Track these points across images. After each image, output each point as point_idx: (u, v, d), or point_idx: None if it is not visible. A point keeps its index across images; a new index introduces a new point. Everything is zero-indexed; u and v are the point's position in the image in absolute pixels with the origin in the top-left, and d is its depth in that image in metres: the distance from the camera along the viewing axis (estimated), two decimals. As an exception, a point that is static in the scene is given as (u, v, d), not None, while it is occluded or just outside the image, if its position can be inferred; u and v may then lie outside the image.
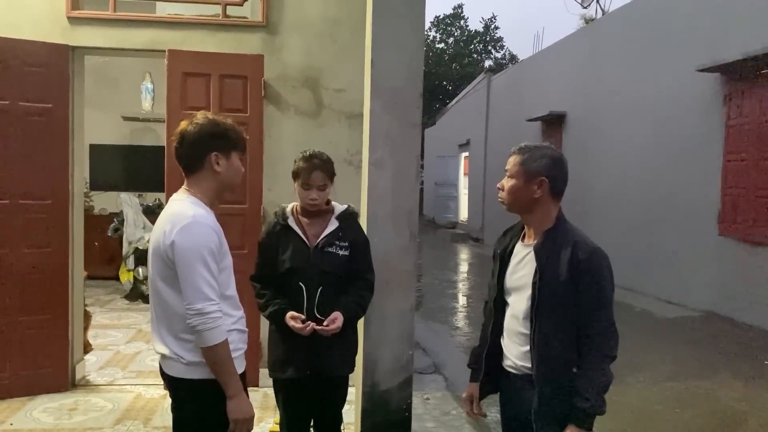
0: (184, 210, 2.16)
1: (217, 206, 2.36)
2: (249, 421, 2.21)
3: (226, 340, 2.13)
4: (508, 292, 2.35)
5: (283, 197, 3.28)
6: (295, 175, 2.89)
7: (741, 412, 5.15)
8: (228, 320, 2.21)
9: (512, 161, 2.28)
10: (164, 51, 4.58)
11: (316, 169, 2.84)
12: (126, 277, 7.90)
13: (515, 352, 2.28)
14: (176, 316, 2.15)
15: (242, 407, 2.18)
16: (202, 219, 2.15)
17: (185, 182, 2.29)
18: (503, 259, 2.38)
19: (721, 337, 7.58)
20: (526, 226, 2.34)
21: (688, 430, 4.70)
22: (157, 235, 2.19)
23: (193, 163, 2.25)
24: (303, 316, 2.76)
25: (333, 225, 2.90)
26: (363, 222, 3.24)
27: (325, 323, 2.75)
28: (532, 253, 2.23)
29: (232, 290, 2.29)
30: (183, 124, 2.26)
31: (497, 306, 2.39)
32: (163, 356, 2.24)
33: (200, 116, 2.27)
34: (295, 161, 2.91)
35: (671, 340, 7.47)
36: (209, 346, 2.10)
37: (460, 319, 8.77)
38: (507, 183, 2.29)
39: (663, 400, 5.28)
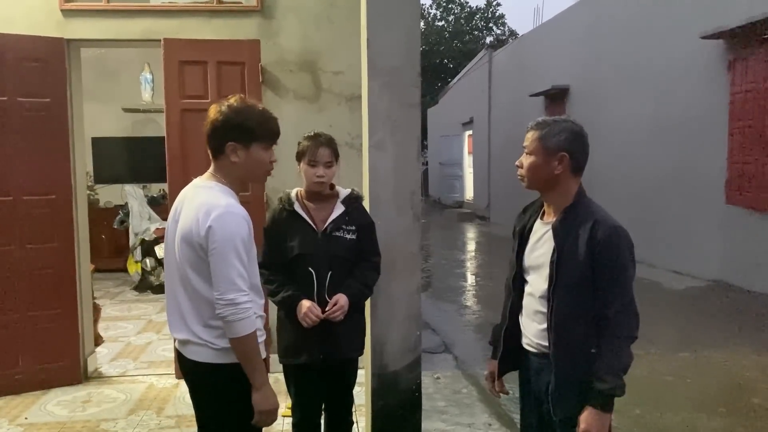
0: (217, 199, 2.15)
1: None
2: (274, 413, 2.21)
3: (255, 331, 2.13)
4: (526, 270, 2.30)
5: (285, 183, 3.26)
6: (301, 154, 2.87)
7: (752, 380, 5.14)
8: (255, 308, 2.21)
9: (530, 137, 2.20)
10: (160, 40, 4.55)
11: (323, 146, 2.83)
12: (134, 269, 7.94)
13: (533, 331, 2.25)
14: (205, 304, 2.14)
15: (268, 398, 2.17)
16: (235, 209, 2.14)
17: (211, 166, 2.28)
18: (522, 236, 2.32)
19: (731, 306, 7.56)
20: (545, 204, 2.28)
21: (700, 400, 4.70)
22: (188, 222, 2.15)
23: (214, 150, 2.25)
24: (319, 312, 2.74)
25: (339, 209, 2.89)
26: (366, 205, 3.21)
27: (327, 308, 2.75)
28: (551, 231, 2.17)
29: (257, 278, 2.30)
30: (212, 109, 2.24)
31: (516, 284, 2.35)
32: (185, 342, 2.21)
33: (231, 100, 2.24)
34: (299, 143, 2.90)
35: (681, 311, 7.46)
36: (239, 337, 2.09)
37: (469, 298, 8.77)
38: (526, 160, 2.21)
39: (674, 370, 5.28)
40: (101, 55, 8.72)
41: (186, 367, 2.28)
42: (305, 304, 2.76)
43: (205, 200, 2.15)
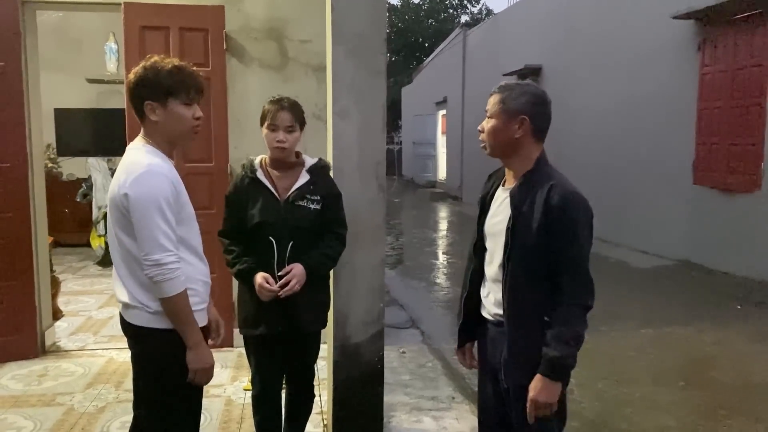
0: (139, 159, 2.10)
1: (183, 165, 2.28)
2: (209, 371, 2.20)
3: (185, 290, 2.10)
4: (486, 237, 2.26)
5: (250, 153, 3.17)
6: (262, 119, 2.79)
7: (713, 355, 5.23)
8: (191, 270, 2.17)
9: (492, 101, 2.16)
10: (120, 4, 4.39)
11: (283, 110, 2.74)
12: (97, 243, 7.76)
13: (491, 299, 2.21)
14: (138, 264, 2.10)
15: (202, 357, 2.16)
16: (157, 168, 2.09)
17: (141, 129, 2.23)
18: (484, 203, 2.29)
19: (695, 285, 7.68)
20: (506, 170, 2.23)
21: (660, 374, 4.76)
22: (113, 184, 2.13)
23: (136, 112, 2.20)
24: (275, 286, 2.67)
25: (304, 178, 2.81)
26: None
27: (280, 273, 2.69)
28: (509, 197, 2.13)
29: (196, 241, 2.25)
30: (131, 73, 2.21)
31: (477, 252, 2.31)
32: (126, 305, 2.18)
33: (146, 62, 2.18)
34: (263, 107, 2.82)
35: (646, 290, 7.55)
36: (168, 296, 2.07)
37: (439, 276, 8.79)
38: (487, 124, 2.17)
39: (637, 346, 5.34)
40: (63, 23, 8.45)
41: (126, 331, 2.25)
42: (258, 278, 2.69)
43: (128, 161, 2.13)
